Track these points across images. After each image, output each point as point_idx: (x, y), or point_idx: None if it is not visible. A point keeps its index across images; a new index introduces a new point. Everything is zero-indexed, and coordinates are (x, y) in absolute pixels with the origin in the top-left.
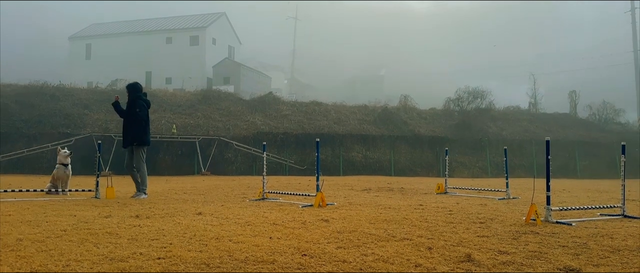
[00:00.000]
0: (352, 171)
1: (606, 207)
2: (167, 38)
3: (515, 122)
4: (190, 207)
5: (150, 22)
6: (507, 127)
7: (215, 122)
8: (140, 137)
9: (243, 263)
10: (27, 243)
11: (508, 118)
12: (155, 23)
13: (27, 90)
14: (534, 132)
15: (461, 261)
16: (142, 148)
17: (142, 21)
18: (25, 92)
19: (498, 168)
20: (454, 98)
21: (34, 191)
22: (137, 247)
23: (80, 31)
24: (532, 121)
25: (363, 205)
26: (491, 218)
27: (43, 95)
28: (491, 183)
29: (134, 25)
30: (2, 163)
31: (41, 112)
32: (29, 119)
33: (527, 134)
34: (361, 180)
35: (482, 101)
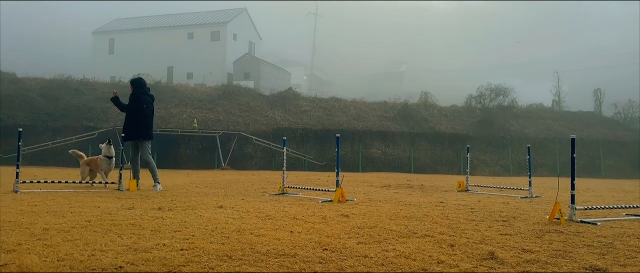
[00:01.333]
0: (371, 167)
1: (632, 207)
2: (189, 33)
3: (538, 120)
4: (211, 200)
5: (172, 18)
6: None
7: (236, 117)
8: (146, 132)
9: (265, 256)
10: (53, 233)
11: (531, 116)
12: (177, 18)
13: (52, 84)
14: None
15: (484, 259)
16: (148, 142)
17: (164, 17)
18: (49, 85)
19: (520, 167)
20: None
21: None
22: (160, 239)
23: (103, 26)
24: (555, 119)
25: (383, 201)
26: (514, 216)
27: (67, 89)
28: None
29: (156, 20)
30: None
31: (65, 106)
32: (54, 112)
33: (550, 132)
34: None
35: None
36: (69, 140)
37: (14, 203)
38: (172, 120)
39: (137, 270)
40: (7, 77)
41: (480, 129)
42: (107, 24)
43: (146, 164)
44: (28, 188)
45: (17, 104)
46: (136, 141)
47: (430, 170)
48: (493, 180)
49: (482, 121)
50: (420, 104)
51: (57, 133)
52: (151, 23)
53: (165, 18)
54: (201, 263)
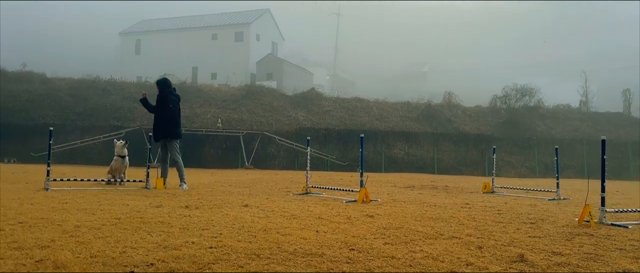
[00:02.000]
0: (394, 168)
1: None
2: (213, 34)
3: (565, 120)
4: (237, 199)
5: (196, 19)
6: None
7: (259, 117)
8: (174, 131)
9: (292, 255)
10: (84, 230)
11: (557, 116)
12: (201, 20)
13: (80, 84)
14: (584, 132)
15: (514, 261)
16: (176, 141)
17: (189, 18)
18: (78, 85)
19: (546, 169)
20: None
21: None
22: (189, 236)
23: (130, 27)
24: (583, 120)
25: (407, 202)
26: (542, 218)
27: (95, 89)
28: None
29: (181, 21)
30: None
31: (93, 105)
32: (82, 112)
33: (577, 133)
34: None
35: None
36: (97, 139)
37: (45, 201)
38: (197, 120)
39: (168, 267)
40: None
41: (506, 129)
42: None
43: (174, 163)
44: (58, 186)
45: (47, 104)
46: (164, 140)
47: (454, 171)
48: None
49: (507, 122)
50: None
51: (86, 132)
52: (176, 24)
53: (189, 19)
54: (230, 262)
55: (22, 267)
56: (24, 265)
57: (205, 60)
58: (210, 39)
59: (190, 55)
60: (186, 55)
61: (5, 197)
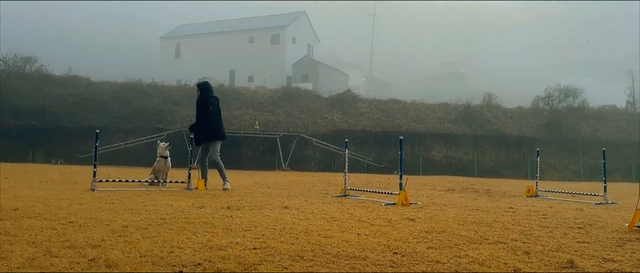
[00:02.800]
0: (432, 170)
1: None
2: (250, 37)
3: (611, 122)
4: (276, 201)
5: (234, 23)
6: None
7: (295, 119)
8: (214, 133)
9: (335, 257)
10: (132, 230)
11: (603, 118)
12: (238, 23)
13: (123, 87)
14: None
15: (563, 267)
16: (218, 142)
17: (226, 22)
18: (121, 89)
19: (592, 172)
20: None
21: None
22: (233, 237)
23: (170, 32)
24: (630, 121)
25: (448, 205)
26: (590, 223)
27: (137, 92)
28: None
29: (219, 25)
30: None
31: (136, 108)
32: (125, 115)
33: (624, 135)
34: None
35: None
36: (139, 141)
37: (92, 201)
38: (235, 122)
39: (215, 267)
40: (83, 82)
41: (549, 131)
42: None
43: (214, 164)
44: (104, 186)
45: (91, 107)
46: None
47: (495, 174)
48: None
49: (550, 123)
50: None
51: (129, 134)
52: (214, 28)
53: (227, 23)
54: (275, 263)
55: (76, 266)
56: (78, 263)
57: (243, 63)
58: (247, 42)
59: (227, 59)
60: (224, 59)
61: (54, 197)
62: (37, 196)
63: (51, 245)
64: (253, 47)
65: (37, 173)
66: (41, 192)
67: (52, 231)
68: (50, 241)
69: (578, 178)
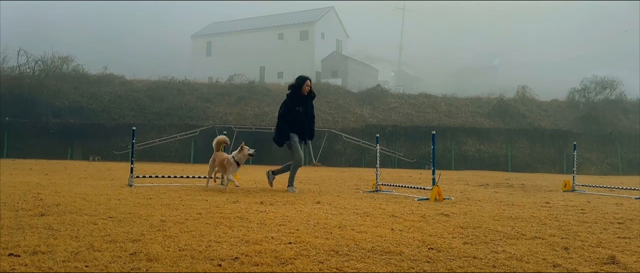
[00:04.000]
0: (464, 165)
1: None
2: (279, 34)
3: None
4: (308, 196)
5: (263, 19)
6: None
7: (325, 115)
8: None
9: (370, 252)
10: (170, 225)
11: None
12: (268, 20)
13: (157, 85)
14: None
15: (604, 263)
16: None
17: (256, 19)
18: (154, 87)
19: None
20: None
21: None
22: (268, 232)
23: (201, 30)
24: None
25: (482, 201)
26: (630, 218)
27: (170, 90)
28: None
29: (249, 23)
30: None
31: (169, 105)
32: (159, 112)
33: None
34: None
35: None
36: (174, 138)
37: (130, 196)
38: (266, 118)
39: (252, 261)
40: (118, 80)
41: (585, 124)
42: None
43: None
44: (141, 182)
45: (126, 104)
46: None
47: (529, 169)
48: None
49: (586, 116)
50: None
51: (163, 131)
52: (244, 25)
53: (256, 20)
54: (310, 257)
55: (118, 259)
56: (119, 257)
57: (272, 59)
58: (277, 38)
59: (257, 55)
60: (254, 55)
61: (93, 193)
62: (77, 192)
63: (93, 240)
64: (282, 44)
65: (76, 170)
66: (81, 188)
67: (93, 226)
68: (92, 235)
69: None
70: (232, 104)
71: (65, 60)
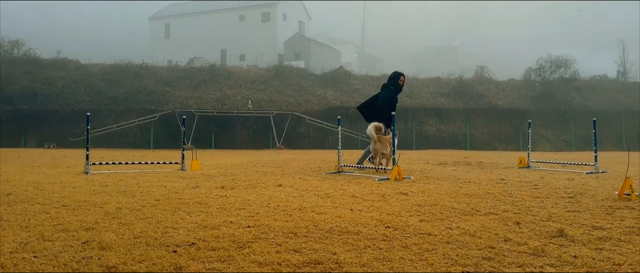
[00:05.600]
0: (425, 145)
1: None
2: (240, 16)
3: (602, 92)
4: (270, 179)
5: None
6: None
7: (288, 97)
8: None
9: (328, 233)
10: (126, 212)
11: (594, 88)
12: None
13: (113, 69)
14: (622, 103)
15: (553, 236)
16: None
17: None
18: (111, 71)
19: (583, 142)
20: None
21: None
22: (227, 216)
23: (158, 12)
24: (620, 91)
25: (441, 179)
26: (580, 192)
27: (128, 74)
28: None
29: (209, 4)
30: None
31: (127, 90)
32: (116, 96)
33: (615, 104)
34: (436, 154)
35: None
36: (132, 123)
37: (86, 184)
38: (228, 102)
39: (209, 246)
40: (72, 64)
41: (540, 102)
42: (163, 10)
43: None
44: (98, 169)
45: (82, 89)
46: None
47: (487, 147)
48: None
49: (542, 95)
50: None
51: (121, 116)
52: (204, 7)
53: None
54: (269, 240)
55: (69, 248)
56: (71, 246)
57: (234, 42)
58: (238, 20)
59: (218, 38)
60: (215, 38)
61: (47, 181)
62: (29, 180)
63: (44, 229)
64: (244, 26)
65: (30, 158)
66: (34, 176)
67: (45, 215)
68: (43, 225)
69: (570, 149)
70: (193, 88)
71: (15, 44)
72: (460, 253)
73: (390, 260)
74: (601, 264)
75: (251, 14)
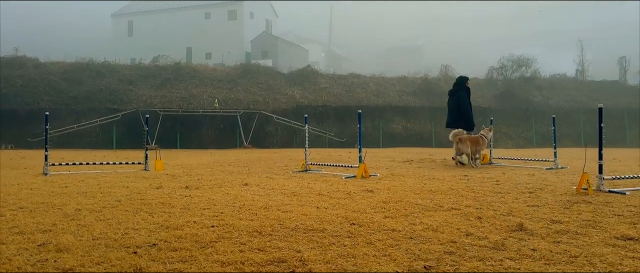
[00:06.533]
0: (392, 143)
1: None
2: (206, 13)
3: (561, 90)
4: (237, 179)
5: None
6: (553, 96)
7: (255, 96)
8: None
9: (293, 231)
10: (85, 213)
11: (554, 86)
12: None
13: (74, 67)
14: (581, 101)
15: (513, 230)
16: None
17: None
18: (72, 69)
19: (544, 139)
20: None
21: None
22: (191, 216)
23: (121, 8)
24: (579, 89)
25: (406, 176)
26: (540, 188)
27: (89, 72)
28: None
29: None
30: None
31: (88, 89)
32: (77, 95)
33: (574, 102)
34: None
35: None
36: (94, 123)
37: (45, 185)
38: (193, 101)
39: (170, 247)
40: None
41: (503, 101)
42: (125, 7)
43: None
44: (57, 170)
45: (41, 88)
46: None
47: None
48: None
49: (504, 93)
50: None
51: (82, 116)
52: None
53: None
54: (232, 239)
55: (24, 251)
56: (26, 249)
57: (199, 39)
58: (204, 18)
59: (184, 35)
60: (179, 36)
61: (4, 183)
62: None
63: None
64: (210, 23)
65: None
66: None
67: (0, 218)
68: None
69: (531, 146)
70: (157, 87)
71: None
72: (422, 248)
73: (354, 256)
74: (558, 256)
75: (217, 11)
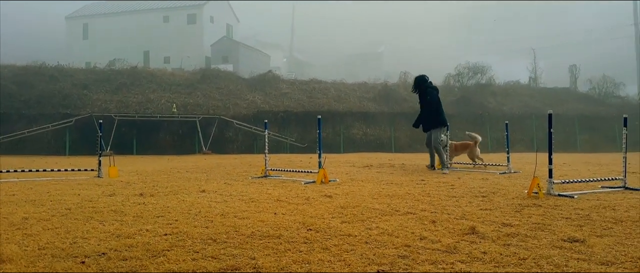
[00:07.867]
0: (352, 148)
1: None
2: (165, 16)
3: (515, 97)
4: (194, 185)
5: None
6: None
7: (215, 101)
8: (436, 120)
9: (249, 238)
10: (32, 222)
11: (508, 93)
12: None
13: (26, 70)
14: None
15: (465, 233)
16: (439, 129)
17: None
18: (23, 72)
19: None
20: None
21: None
22: (143, 224)
23: (76, 11)
24: (532, 96)
25: (365, 181)
26: (493, 192)
27: (42, 76)
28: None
29: (130, 4)
30: (3, 144)
31: (40, 93)
32: (28, 100)
33: (527, 108)
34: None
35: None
36: (46, 128)
37: None
38: (151, 106)
39: (120, 256)
40: None
41: (459, 107)
42: (80, 9)
43: (433, 148)
44: (5, 177)
45: None
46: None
47: (410, 149)
48: None
49: (460, 99)
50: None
51: (33, 121)
52: (125, 7)
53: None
54: (185, 248)
55: None
56: None
57: (158, 43)
58: (162, 21)
59: (141, 39)
60: (137, 39)
61: None
62: None
63: None
64: (168, 27)
65: None
66: None
67: None
68: None
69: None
70: (113, 91)
71: None
72: (377, 252)
73: (309, 262)
74: (508, 259)
75: (176, 15)
